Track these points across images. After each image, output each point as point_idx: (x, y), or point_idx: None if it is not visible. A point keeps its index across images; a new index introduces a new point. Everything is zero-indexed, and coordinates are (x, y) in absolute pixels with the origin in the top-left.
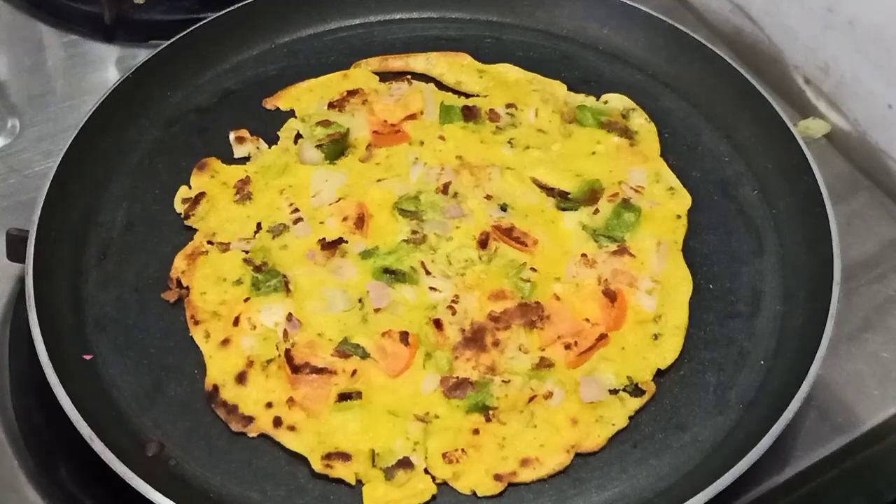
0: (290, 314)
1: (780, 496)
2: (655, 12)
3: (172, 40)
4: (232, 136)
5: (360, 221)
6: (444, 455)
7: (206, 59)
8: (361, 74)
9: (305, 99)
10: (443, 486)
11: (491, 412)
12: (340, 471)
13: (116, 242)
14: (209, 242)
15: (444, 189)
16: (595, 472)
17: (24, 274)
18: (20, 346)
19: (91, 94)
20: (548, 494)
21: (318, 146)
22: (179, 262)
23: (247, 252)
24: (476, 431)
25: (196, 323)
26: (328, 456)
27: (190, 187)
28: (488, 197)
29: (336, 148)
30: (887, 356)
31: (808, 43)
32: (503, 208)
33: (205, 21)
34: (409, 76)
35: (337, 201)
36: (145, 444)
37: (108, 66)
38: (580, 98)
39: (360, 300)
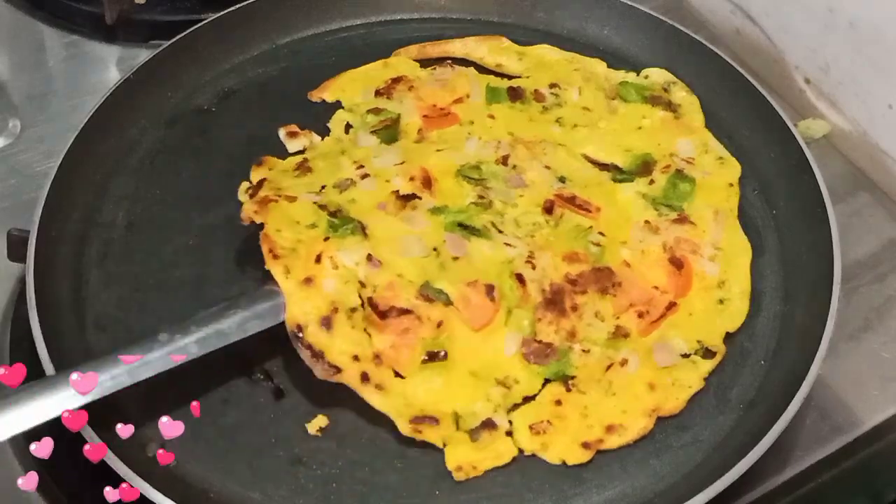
0: (369, 254)
1: (780, 496)
2: (655, 12)
3: (173, 40)
4: (282, 132)
5: (427, 182)
6: (531, 427)
7: (206, 59)
8: (402, 62)
9: (350, 89)
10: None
11: (570, 381)
12: (429, 434)
13: (117, 242)
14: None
15: (504, 161)
16: (595, 471)
17: (25, 274)
18: (21, 345)
19: (92, 94)
20: (548, 494)
21: (373, 132)
22: (249, 207)
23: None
24: (559, 402)
25: (275, 257)
26: (416, 419)
27: (250, 182)
28: (547, 167)
29: (390, 133)
30: (887, 356)
31: (808, 43)
32: (562, 180)
33: (206, 21)
34: (450, 61)
35: (401, 163)
36: (145, 444)
37: (108, 67)
38: (621, 74)
39: (434, 248)
